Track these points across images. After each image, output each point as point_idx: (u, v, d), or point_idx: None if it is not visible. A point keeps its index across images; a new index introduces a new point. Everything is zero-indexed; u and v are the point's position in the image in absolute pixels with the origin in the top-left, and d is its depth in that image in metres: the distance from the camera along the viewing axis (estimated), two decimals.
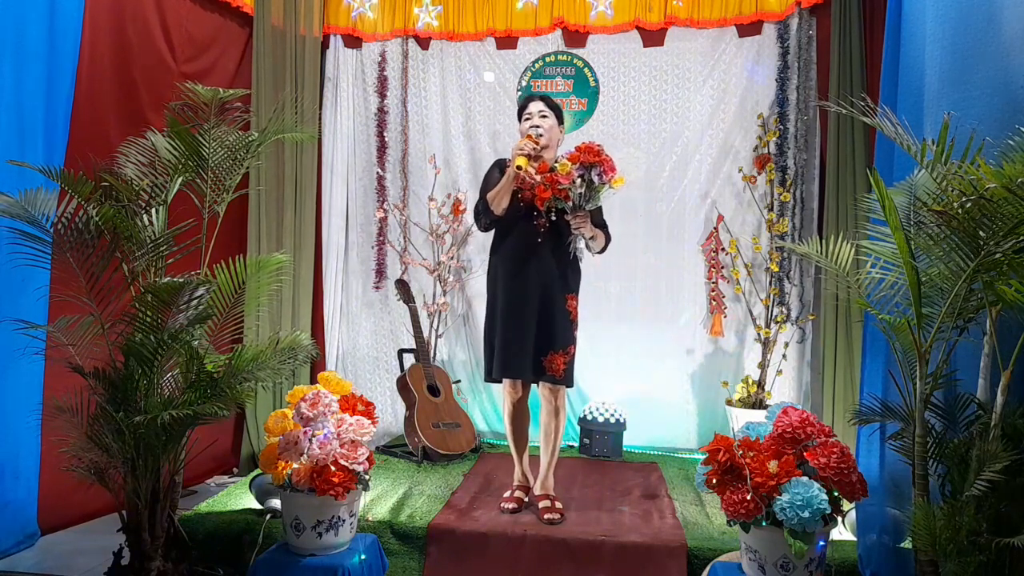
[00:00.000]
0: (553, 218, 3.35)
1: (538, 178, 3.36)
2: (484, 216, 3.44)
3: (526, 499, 3.56)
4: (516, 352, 3.39)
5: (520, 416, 3.58)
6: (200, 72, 4.34)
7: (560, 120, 3.53)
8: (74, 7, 3.54)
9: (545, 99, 3.50)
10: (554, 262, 3.39)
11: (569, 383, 3.49)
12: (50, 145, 3.41)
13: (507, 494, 3.58)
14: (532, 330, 3.38)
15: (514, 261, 3.42)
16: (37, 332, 2.85)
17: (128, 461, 2.76)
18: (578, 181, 3.26)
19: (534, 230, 3.37)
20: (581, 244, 3.42)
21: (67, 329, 2.85)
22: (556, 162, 3.34)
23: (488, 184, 3.46)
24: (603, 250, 3.53)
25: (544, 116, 3.44)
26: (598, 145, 3.30)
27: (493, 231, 3.55)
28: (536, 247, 3.37)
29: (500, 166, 3.51)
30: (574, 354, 3.48)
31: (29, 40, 3.34)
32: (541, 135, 3.37)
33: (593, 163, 3.25)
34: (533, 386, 3.58)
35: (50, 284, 3.15)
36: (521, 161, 3.22)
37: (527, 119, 3.45)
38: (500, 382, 3.54)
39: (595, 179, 3.26)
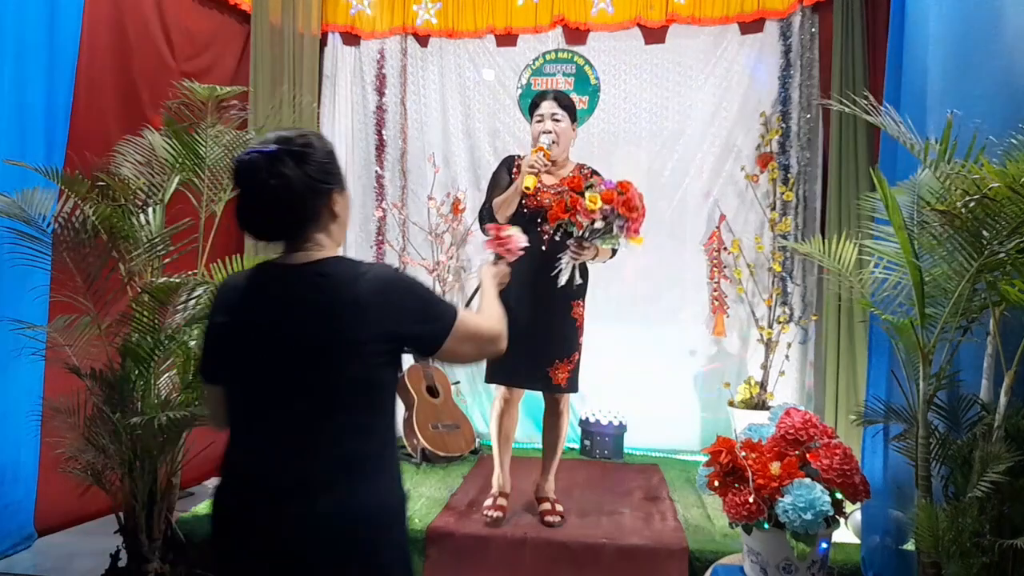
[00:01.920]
0: (557, 237, 3.17)
1: (550, 179, 3.27)
2: (489, 221, 3.27)
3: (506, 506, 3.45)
4: (516, 362, 3.23)
5: (510, 418, 3.45)
6: (200, 70, 4.32)
7: (574, 119, 3.37)
8: (74, 7, 3.52)
9: (559, 98, 3.32)
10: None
11: (573, 390, 3.41)
12: (50, 145, 3.39)
13: (489, 502, 3.42)
14: (534, 339, 3.24)
15: (518, 268, 3.30)
16: (36, 333, 2.84)
17: (125, 463, 2.75)
18: (599, 223, 3.04)
19: (538, 237, 3.22)
20: (570, 268, 3.18)
21: (64, 329, 2.84)
22: (589, 186, 3.10)
23: (495, 185, 3.34)
24: (611, 256, 3.39)
25: (557, 120, 3.26)
26: (640, 199, 3.05)
27: None
28: (540, 254, 3.23)
29: (508, 165, 3.39)
30: (579, 360, 3.39)
31: (29, 40, 3.32)
32: (555, 142, 3.21)
33: (622, 215, 3.03)
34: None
35: (50, 284, 3.12)
36: (530, 181, 3.04)
37: (538, 121, 3.29)
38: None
39: (615, 228, 3.05)
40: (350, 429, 1.50)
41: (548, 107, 3.30)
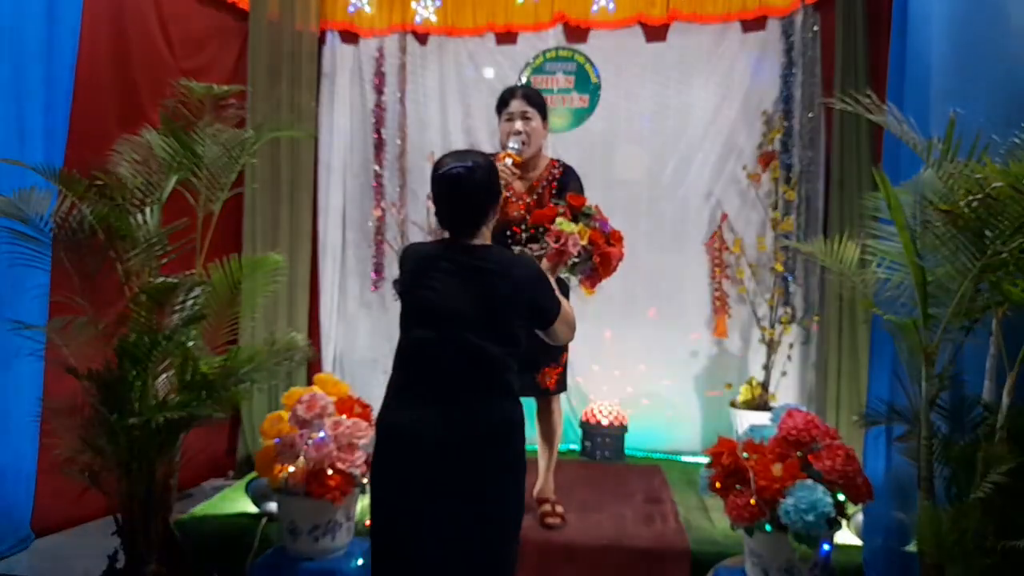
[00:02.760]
0: (524, 235, 2.98)
1: (520, 184, 3.19)
2: None
3: None
4: None
5: None
6: (199, 68, 4.29)
7: (545, 116, 3.23)
8: (72, 4, 3.51)
9: (528, 95, 3.19)
10: None
11: (563, 389, 3.38)
12: (50, 144, 3.38)
13: None
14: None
15: None
16: (36, 333, 2.83)
17: (122, 464, 2.73)
18: (572, 258, 2.72)
19: (512, 239, 3.05)
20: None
21: (61, 330, 2.83)
22: (587, 214, 2.89)
23: None
24: None
25: (528, 118, 3.12)
26: (618, 261, 2.88)
27: None
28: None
29: None
30: (567, 361, 3.36)
31: (28, 38, 3.31)
32: (525, 143, 3.07)
33: (593, 266, 2.83)
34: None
35: (50, 284, 3.10)
36: None
37: (508, 119, 3.16)
38: None
39: (576, 269, 2.85)
40: (503, 362, 2.12)
41: (517, 105, 3.15)
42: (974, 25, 2.46)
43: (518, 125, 3.10)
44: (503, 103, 3.22)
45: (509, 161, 2.95)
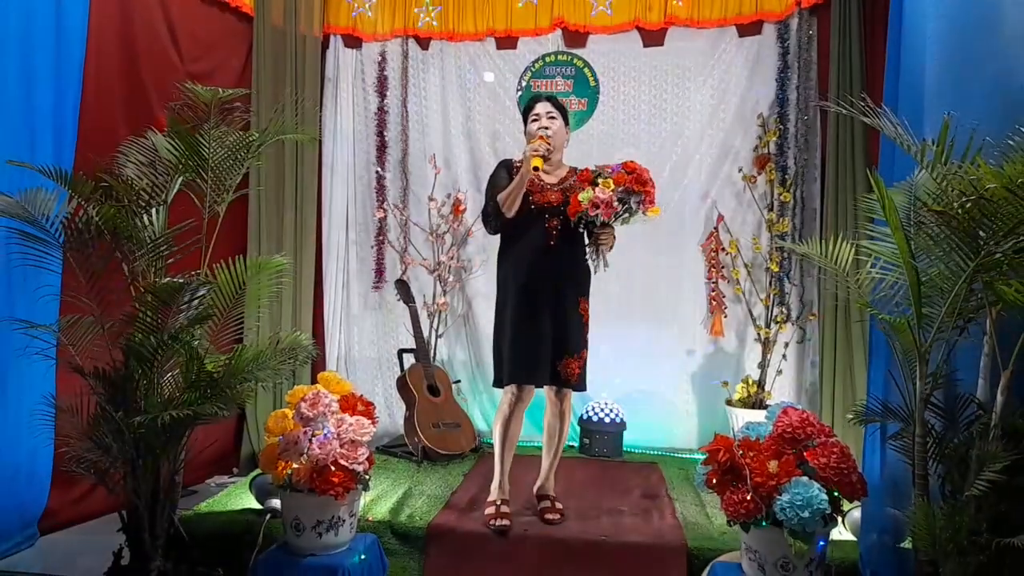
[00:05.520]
0: (580, 228, 3.26)
1: (550, 178, 3.34)
2: (494, 219, 3.35)
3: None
4: (528, 358, 3.31)
5: (516, 422, 3.43)
6: (207, 72, 4.33)
7: (567, 121, 3.46)
8: (79, 8, 3.53)
9: (552, 100, 3.43)
10: (566, 265, 3.32)
11: (582, 387, 3.43)
12: (59, 145, 3.41)
13: (491, 510, 3.35)
14: (546, 335, 3.30)
15: (526, 265, 3.33)
16: (47, 334, 2.85)
17: (128, 461, 2.76)
18: (617, 204, 3.13)
19: (545, 232, 3.29)
20: (601, 256, 3.31)
21: (68, 329, 2.85)
22: (599, 176, 3.21)
23: (495, 186, 3.37)
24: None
25: (552, 117, 3.37)
26: (648, 173, 3.20)
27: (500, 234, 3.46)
28: (548, 250, 3.29)
29: (507, 166, 3.43)
30: (586, 358, 3.42)
31: (36, 42, 3.33)
32: (551, 136, 3.30)
33: (636, 191, 3.14)
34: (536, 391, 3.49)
35: (61, 285, 3.11)
36: (537, 162, 3.14)
37: (535, 120, 3.38)
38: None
39: (633, 206, 3.16)
40: None
41: (543, 107, 3.41)
42: (968, 28, 2.47)
43: (544, 122, 3.36)
44: (528, 109, 3.47)
45: (541, 142, 3.23)
